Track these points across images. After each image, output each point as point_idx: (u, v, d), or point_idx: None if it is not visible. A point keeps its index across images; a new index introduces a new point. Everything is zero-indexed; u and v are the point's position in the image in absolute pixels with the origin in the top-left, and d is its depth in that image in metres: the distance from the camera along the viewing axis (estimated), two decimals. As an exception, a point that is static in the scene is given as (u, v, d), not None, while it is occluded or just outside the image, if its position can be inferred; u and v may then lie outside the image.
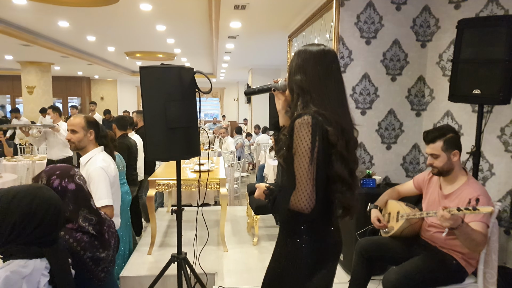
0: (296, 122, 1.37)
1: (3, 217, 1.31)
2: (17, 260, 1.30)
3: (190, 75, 2.47)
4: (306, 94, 1.43)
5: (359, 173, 3.27)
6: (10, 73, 14.45)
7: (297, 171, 1.37)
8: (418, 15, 3.58)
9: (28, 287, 1.28)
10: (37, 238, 1.34)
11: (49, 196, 1.40)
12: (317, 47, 1.48)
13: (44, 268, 1.33)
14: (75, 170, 1.70)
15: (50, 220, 1.36)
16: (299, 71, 1.45)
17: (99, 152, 2.60)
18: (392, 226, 2.45)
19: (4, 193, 1.35)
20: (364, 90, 3.60)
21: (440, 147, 2.26)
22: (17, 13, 5.66)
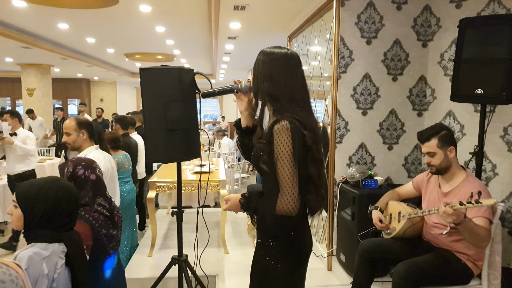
0: (275, 128, 1.41)
1: (32, 206, 1.50)
2: (39, 243, 1.48)
3: (190, 76, 2.46)
4: (275, 100, 1.48)
5: (361, 174, 3.25)
6: (10, 75, 14.45)
7: (282, 176, 1.41)
8: (419, 15, 3.56)
9: (47, 267, 1.44)
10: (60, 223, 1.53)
11: (68, 186, 1.60)
12: (280, 50, 1.52)
13: (61, 251, 1.52)
14: (96, 164, 2.02)
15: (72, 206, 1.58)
16: (266, 78, 1.49)
17: (93, 150, 2.75)
18: (394, 227, 2.43)
19: (28, 186, 1.54)
20: (365, 90, 3.58)
21: (435, 144, 2.28)
22: (17, 16, 5.64)
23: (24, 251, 1.45)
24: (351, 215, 3.19)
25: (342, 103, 3.55)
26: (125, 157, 3.82)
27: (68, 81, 16.22)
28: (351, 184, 3.29)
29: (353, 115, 3.59)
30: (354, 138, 3.60)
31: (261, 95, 1.53)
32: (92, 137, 2.78)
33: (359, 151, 3.63)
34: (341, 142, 3.58)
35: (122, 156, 3.79)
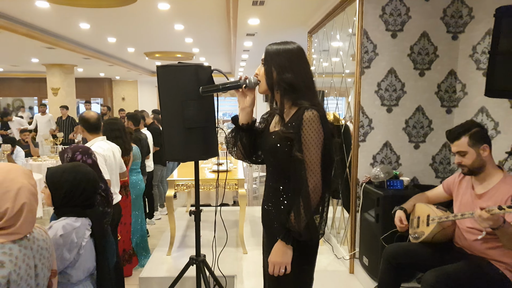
0: (305, 116, 1.45)
1: (56, 188, 1.76)
2: (70, 217, 1.74)
3: (207, 73, 2.39)
4: (296, 90, 1.51)
5: (385, 174, 3.11)
6: (36, 76, 14.83)
7: (311, 163, 1.46)
8: (449, 5, 3.36)
9: (76, 237, 1.71)
10: (81, 201, 1.78)
11: (87, 171, 1.85)
12: (293, 45, 1.57)
13: (87, 224, 1.79)
14: (91, 151, 2.29)
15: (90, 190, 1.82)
16: (286, 68, 1.51)
17: (99, 140, 3.04)
18: (422, 231, 2.28)
19: (54, 171, 1.80)
20: (390, 86, 3.42)
21: (466, 143, 2.11)
22: (40, 16, 5.71)
23: (58, 222, 1.71)
24: (375, 217, 3.05)
25: (366, 100, 3.40)
26: (136, 149, 4.13)
27: (91, 81, 16.51)
28: (375, 185, 3.15)
29: (377, 112, 3.43)
30: (378, 137, 3.45)
31: (281, 86, 1.54)
32: (92, 131, 3.06)
33: (384, 150, 3.47)
34: (365, 141, 3.43)
35: (135, 148, 4.08)
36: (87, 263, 1.78)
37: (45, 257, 1.45)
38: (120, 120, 3.83)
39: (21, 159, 5.35)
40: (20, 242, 1.34)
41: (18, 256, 1.30)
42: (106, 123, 3.51)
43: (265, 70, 1.57)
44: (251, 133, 1.71)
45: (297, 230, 1.46)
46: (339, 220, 4.15)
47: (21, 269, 1.30)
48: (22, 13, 5.54)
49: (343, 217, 4.04)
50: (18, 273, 1.28)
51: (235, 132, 1.72)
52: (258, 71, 1.64)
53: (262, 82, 1.59)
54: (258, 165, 1.93)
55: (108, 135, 3.30)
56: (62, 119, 9.07)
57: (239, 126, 1.70)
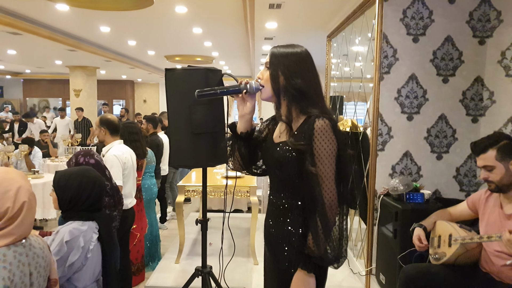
0: (316, 126, 1.32)
1: (63, 192, 1.77)
2: (76, 221, 1.75)
3: (217, 77, 2.31)
4: (305, 97, 1.39)
5: (405, 186, 2.93)
6: (61, 77, 15.19)
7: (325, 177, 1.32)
8: (475, 8, 3.16)
9: (83, 241, 1.70)
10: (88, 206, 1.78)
11: (94, 176, 1.85)
12: (301, 48, 1.45)
13: (94, 228, 1.78)
14: (93, 151, 2.31)
15: (96, 194, 1.81)
16: (296, 74, 1.39)
17: (117, 144, 2.97)
18: (443, 252, 2.10)
19: (62, 175, 1.81)
20: (411, 93, 3.24)
21: (493, 156, 1.93)
22: (61, 19, 5.79)
23: (65, 227, 1.70)
24: (393, 232, 2.87)
25: (385, 107, 3.23)
26: (151, 153, 4.09)
27: (113, 83, 16.79)
28: (394, 197, 2.97)
29: (397, 120, 3.26)
30: (398, 146, 3.27)
31: (289, 92, 1.40)
32: (114, 133, 2.99)
33: (404, 160, 3.29)
34: (383, 150, 3.26)
35: (150, 152, 4.03)
36: (94, 267, 1.77)
37: (41, 266, 1.39)
38: (137, 124, 3.81)
39: (38, 160, 5.40)
40: (15, 248, 1.28)
41: (13, 263, 1.25)
42: (124, 126, 3.48)
43: (270, 74, 1.42)
44: (250, 142, 1.57)
45: (318, 255, 1.31)
46: (356, 231, 3.97)
47: (15, 276, 1.24)
48: (43, 16, 5.62)
49: (360, 229, 3.86)
50: (12, 280, 1.23)
51: (233, 141, 1.58)
52: (261, 75, 1.49)
53: (267, 88, 1.45)
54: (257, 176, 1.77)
55: (126, 138, 3.28)
56: (78, 121, 9.17)
57: (237, 135, 1.56)
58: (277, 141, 1.47)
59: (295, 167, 1.37)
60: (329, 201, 1.31)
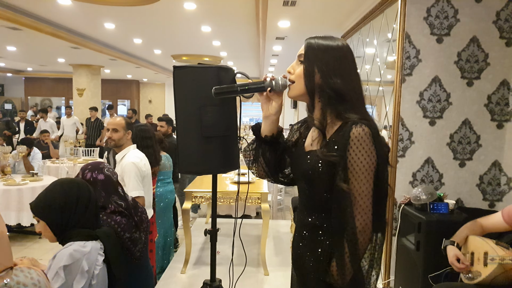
0: (352, 134, 1.12)
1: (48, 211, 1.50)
2: (77, 242, 1.48)
3: (230, 76, 2.12)
4: (344, 100, 1.19)
5: (428, 195, 2.74)
6: (64, 76, 15.07)
7: (360, 195, 1.13)
8: (503, 8, 2.98)
9: (87, 264, 1.45)
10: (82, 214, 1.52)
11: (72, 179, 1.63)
12: (341, 42, 1.24)
13: (99, 248, 1.53)
14: (104, 164, 1.96)
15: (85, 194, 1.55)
16: (335, 72, 1.20)
17: (133, 149, 2.78)
18: (477, 271, 1.91)
19: (37, 198, 1.54)
20: (433, 96, 3.05)
21: None
22: (64, 15, 5.64)
23: (64, 250, 1.45)
24: (416, 244, 2.68)
25: (406, 111, 3.05)
26: (166, 158, 3.73)
27: (118, 82, 16.66)
28: (416, 207, 2.79)
29: (419, 125, 3.07)
30: (419, 152, 3.09)
31: (325, 93, 1.20)
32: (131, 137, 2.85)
33: (425, 167, 3.10)
34: (404, 156, 3.07)
35: (164, 157, 3.70)
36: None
37: None
38: (151, 127, 3.52)
39: (37, 161, 5.22)
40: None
41: None
42: (137, 130, 3.19)
43: (305, 70, 1.22)
44: (276, 147, 1.37)
45: (341, 285, 1.14)
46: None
47: None
48: (45, 10, 5.46)
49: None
50: None
51: (257, 144, 1.39)
52: (291, 69, 1.29)
53: (298, 84, 1.25)
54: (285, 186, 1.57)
55: (138, 144, 3.01)
56: (90, 120, 8.96)
57: (262, 138, 1.36)
58: (308, 149, 1.28)
59: (327, 182, 1.18)
60: (362, 224, 1.12)
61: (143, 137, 3.16)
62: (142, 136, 3.16)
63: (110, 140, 2.74)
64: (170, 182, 3.80)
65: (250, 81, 1.31)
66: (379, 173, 1.15)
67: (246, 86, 1.29)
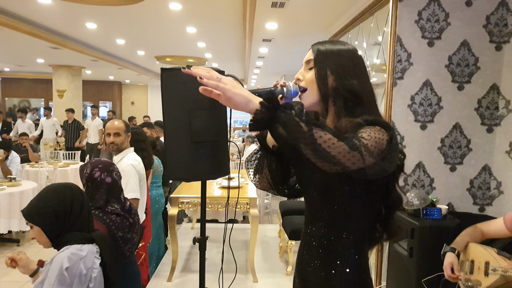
0: None
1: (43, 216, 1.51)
2: (74, 245, 1.50)
3: (220, 78, 2.03)
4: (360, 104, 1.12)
5: (421, 200, 2.70)
6: (44, 77, 14.67)
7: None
8: (493, 12, 2.98)
9: (84, 267, 1.47)
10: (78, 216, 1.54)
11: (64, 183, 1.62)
12: (351, 46, 1.20)
13: (95, 251, 1.55)
14: (114, 167, 1.99)
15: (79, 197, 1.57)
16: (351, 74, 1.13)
17: (131, 152, 2.77)
18: (477, 280, 1.87)
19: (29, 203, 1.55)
20: (424, 100, 3.03)
21: None
22: (44, 14, 5.44)
23: (61, 254, 1.46)
24: (409, 250, 2.64)
25: (398, 115, 3.01)
26: (157, 161, 3.70)
27: (100, 84, 16.32)
28: (409, 213, 2.75)
29: (410, 129, 3.04)
30: (410, 156, 3.05)
31: (340, 96, 1.13)
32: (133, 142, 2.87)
33: (416, 172, 3.07)
34: (395, 161, 3.03)
35: (157, 161, 3.65)
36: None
37: None
38: (143, 130, 3.49)
39: (16, 165, 5.00)
40: None
41: None
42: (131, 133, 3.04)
43: (317, 73, 1.14)
44: (283, 157, 1.28)
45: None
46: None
47: None
48: (24, 9, 5.26)
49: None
50: None
51: (262, 155, 1.31)
52: (300, 75, 1.20)
53: (312, 90, 1.16)
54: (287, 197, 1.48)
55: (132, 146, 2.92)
56: (68, 122, 8.76)
57: (269, 149, 1.27)
58: None
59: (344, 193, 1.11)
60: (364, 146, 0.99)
61: (136, 140, 3.09)
62: (136, 139, 3.09)
63: (112, 145, 2.71)
64: (160, 186, 3.81)
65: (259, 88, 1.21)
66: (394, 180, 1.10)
67: (256, 93, 1.19)
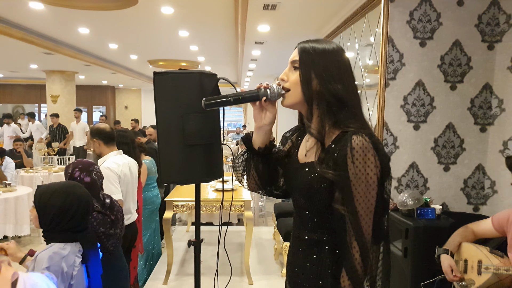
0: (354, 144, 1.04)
1: (44, 210, 1.63)
2: (57, 244, 1.61)
3: (213, 82, 2.02)
4: (344, 107, 1.11)
5: (415, 201, 2.70)
6: (37, 82, 14.58)
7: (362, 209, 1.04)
8: (484, 11, 3.00)
9: (66, 265, 1.57)
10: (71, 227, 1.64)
11: (80, 194, 1.70)
12: (335, 45, 1.17)
13: (77, 251, 1.64)
14: (94, 167, 2.09)
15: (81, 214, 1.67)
16: (335, 77, 1.11)
17: (114, 155, 2.76)
18: (471, 279, 1.87)
19: (44, 190, 1.67)
20: (417, 101, 3.04)
21: None
22: (36, 19, 5.41)
23: (44, 252, 1.58)
24: (403, 250, 2.64)
25: (390, 115, 3.02)
26: (151, 163, 3.75)
27: (93, 88, 16.25)
28: (403, 213, 2.75)
29: (403, 130, 3.05)
30: (404, 157, 3.06)
31: (324, 100, 1.11)
32: (109, 143, 2.79)
33: (410, 172, 3.08)
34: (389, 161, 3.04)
35: (149, 162, 3.70)
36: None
37: None
38: (130, 132, 3.52)
39: (10, 171, 4.97)
40: None
41: None
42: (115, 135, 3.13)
43: (302, 76, 1.13)
44: (269, 158, 1.28)
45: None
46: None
47: None
48: (16, 15, 5.23)
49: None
50: None
51: (248, 156, 1.30)
52: (285, 76, 1.19)
53: (295, 92, 1.15)
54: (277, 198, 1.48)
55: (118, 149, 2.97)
56: (53, 127, 8.81)
57: (254, 150, 1.26)
58: (303, 160, 1.19)
59: (327, 196, 1.10)
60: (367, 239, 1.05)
61: (120, 142, 3.11)
62: (119, 141, 3.11)
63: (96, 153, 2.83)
64: (155, 186, 3.85)
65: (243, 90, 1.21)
66: (382, 184, 1.08)
67: (239, 96, 1.19)
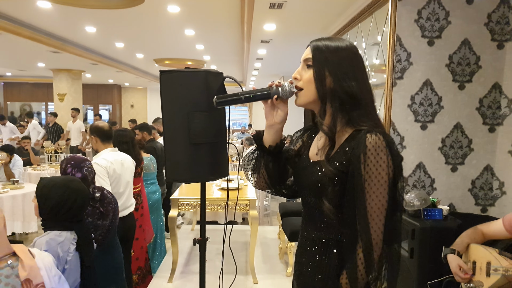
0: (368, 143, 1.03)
1: (44, 201, 1.76)
2: (54, 231, 1.75)
3: (218, 81, 2.02)
4: (358, 105, 1.10)
5: (422, 201, 2.68)
6: (45, 81, 14.69)
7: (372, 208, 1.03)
8: (494, 10, 2.96)
9: (61, 251, 1.71)
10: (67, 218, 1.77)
11: (78, 188, 1.83)
12: (350, 42, 1.16)
13: (72, 239, 1.78)
14: (86, 162, 2.20)
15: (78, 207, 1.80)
16: (349, 75, 1.10)
17: (107, 152, 2.84)
18: (480, 281, 1.84)
19: (46, 183, 1.80)
20: (425, 100, 3.01)
21: None
22: (43, 18, 5.44)
23: (42, 238, 1.72)
24: (409, 251, 2.62)
25: (398, 115, 2.99)
26: (150, 160, 3.87)
27: (99, 87, 16.33)
28: (409, 213, 2.72)
29: (410, 129, 3.02)
30: (410, 157, 3.03)
31: (337, 98, 1.10)
32: (105, 141, 2.88)
33: (417, 172, 3.05)
34: (396, 161, 3.01)
35: (147, 159, 3.81)
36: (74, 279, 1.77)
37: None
38: (130, 131, 3.59)
39: (18, 169, 5.00)
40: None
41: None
42: (116, 135, 3.25)
43: (315, 73, 1.12)
44: (280, 157, 1.27)
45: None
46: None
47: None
48: (24, 14, 5.26)
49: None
50: None
51: (259, 155, 1.29)
52: (298, 74, 1.17)
53: (308, 90, 1.14)
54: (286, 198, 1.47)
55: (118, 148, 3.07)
56: (48, 126, 8.90)
57: (265, 149, 1.25)
58: (314, 159, 1.18)
59: (337, 195, 1.09)
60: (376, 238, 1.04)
61: (120, 141, 3.24)
62: (119, 140, 3.24)
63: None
64: (154, 182, 3.99)
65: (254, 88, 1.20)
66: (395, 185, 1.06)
67: (251, 94, 1.17)
